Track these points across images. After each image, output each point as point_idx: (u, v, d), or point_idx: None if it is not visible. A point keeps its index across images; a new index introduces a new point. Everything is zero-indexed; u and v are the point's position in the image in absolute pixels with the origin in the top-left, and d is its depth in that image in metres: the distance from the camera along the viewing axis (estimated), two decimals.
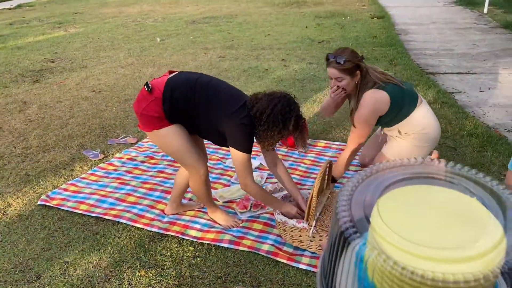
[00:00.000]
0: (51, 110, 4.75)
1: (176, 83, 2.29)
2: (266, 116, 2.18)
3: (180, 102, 2.27)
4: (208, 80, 2.35)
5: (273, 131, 2.21)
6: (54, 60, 6.86)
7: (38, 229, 2.73)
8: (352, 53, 2.61)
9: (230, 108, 2.25)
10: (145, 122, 2.33)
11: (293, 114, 2.22)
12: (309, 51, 6.80)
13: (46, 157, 3.66)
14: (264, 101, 2.21)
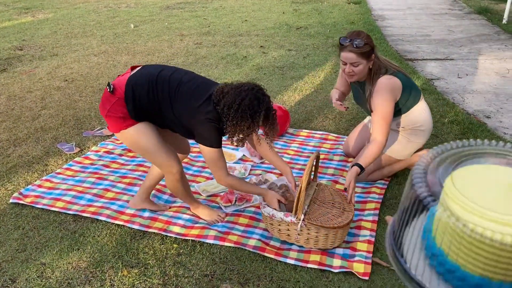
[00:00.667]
0: (21, 101, 4.53)
1: (137, 81, 2.21)
2: (234, 111, 2.08)
3: (142, 99, 2.20)
4: (170, 73, 2.25)
5: (241, 126, 2.12)
6: (22, 48, 6.56)
7: (11, 229, 2.59)
8: (367, 35, 2.53)
9: (194, 103, 2.16)
10: (111, 123, 2.27)
11: (262, 107, 2.12)
12: (288, 37, 6.71)
13: (18, 152, 3.48)
14: (231, 94, 2.10)
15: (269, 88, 4.66)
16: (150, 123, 2.30)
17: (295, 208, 2.25)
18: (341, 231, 2.27)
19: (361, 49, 2.48)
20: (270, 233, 2.45)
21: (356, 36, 2.50)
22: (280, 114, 3.52)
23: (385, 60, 2.64)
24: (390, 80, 2.56)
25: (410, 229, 0.71)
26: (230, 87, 2.15)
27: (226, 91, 2.14)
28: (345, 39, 2.52)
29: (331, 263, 2.23)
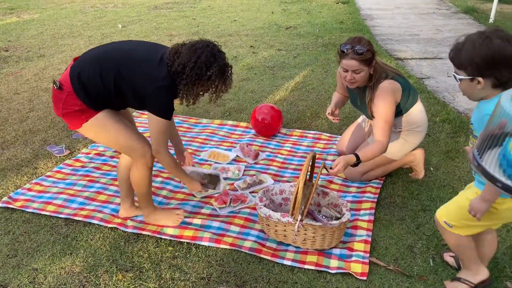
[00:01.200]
0: (8, 103, 4.44)
1: (81, 67, 2.12)
2: (189, 70, 2.03)
3: (92, 83, 2.10)
4: (112, 48, 2.16)
5: (197, 85, 2.08)
6: (8, 49, 6.44)
7: (1, 234, 2.53)
8: (368, 42, 2.51)
9: (146, 68, 2.08)
10: (70, 120, 2.19)
11: (218, 63, 2.07)
12: (277, 37, 6.70)
13: (6, 154, 3.41)
14: (185, 54, 2.04)
15: (261, 88, 4.65)
16: (109, 110, 2.20)
17: (292, 209, 2.23)
18: (338, 231, 2.26)
19: (363, 56, 2.45)
20: (266, 234, 2.43)
21: (357, 42, 2.46)
22: (272, 114, 3.51)
23: (384, 64, 2.65)
24: (391, 84, 2.56)
25: (488, 153, 0.97)
26: (184, 47, 2.08)
27: (181, 51, 2.07)
28: (346, 46, 2.47)
29: (328, 264, 2.22)
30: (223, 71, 2.12)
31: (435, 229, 2.45)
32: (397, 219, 2.55)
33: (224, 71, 2.12)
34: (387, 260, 2.24)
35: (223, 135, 3.65)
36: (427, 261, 2.23)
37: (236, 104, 4.25)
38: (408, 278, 2.13)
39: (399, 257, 2.26)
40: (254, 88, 4.66)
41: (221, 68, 2.09)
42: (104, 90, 2.12)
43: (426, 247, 2.33)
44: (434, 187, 2.82)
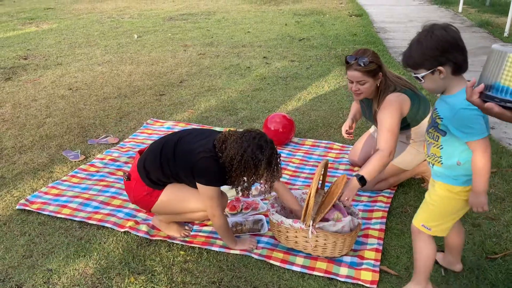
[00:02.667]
0: (26, 109, 4.55)
1: (144, 159, 2.36)
2: (237, 162, 2.11)
3: (153, 171, 2.32)
4: (170, 137, 2.36)
5: (246, 176, 2.17)
6: (27, 57, 6.60)
7: (18, 235, 2.58)
8: (373, 53, 2.55)
9: (193, 147, 2.22)
10: (142, 205, 2.41)
11: (264, 156, 2.12)
12: (290, 48, 6.76)
13: (23, 159, 3.49)
14: (233, 147, 2.13)
15: (273, 98, 4.69)
16: (170, 185, 2.36)
17: (303, 215, 2.25)
18: (349, 239, 2.27)
19: (366, 67, 2.50)
20: (277, 240, 2.45)
21: (362, 54, 2.52)
22: (285, 123, 3.54)
23: (394, 77, 2.65)
24: (398, 97, 2.57)
25: None
26: (232, 138, 2.17)
27: (229, 142, 2.16)
28: (351, 57, 2.53)
29: (337, 271, 2.22)
30: (270, 162, 2.16)
31: None
32: (409, 229, 2.54)
33: (271, 162, 2.16)
34: (398, 269, 2.24)
35: None
36: (439, 271, 2.22)
37: (248, 113, 4.29)
38: None
39: (410, 266, 2.25)
40: (266, 98, 4.70)
41: (268, 160, 2.14)
42: (163, 176, 2.32)
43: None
44: None
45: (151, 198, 2.35)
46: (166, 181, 2.35)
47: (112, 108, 4.53)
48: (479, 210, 1.75)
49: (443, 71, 1.64)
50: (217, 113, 4.31)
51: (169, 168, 2.29)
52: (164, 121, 4.16)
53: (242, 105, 4.51)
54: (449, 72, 1.65)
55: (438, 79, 1.67)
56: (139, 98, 4.81)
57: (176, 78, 5.46)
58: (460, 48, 1.63)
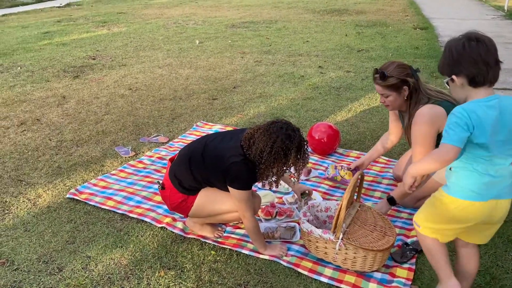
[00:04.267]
0: (87, 105, 4.85)
1: (176, 168, 2.43)
2: (267, 154, 2.11)
3: (185, 179, 2.39)
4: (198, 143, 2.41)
5: (276, 168, 2.17)
6: (95, 57, 7.03)
7: (65, 221, 2.76)
8: (397, 67, 2.49)
9: (222, 153, 2.25)
10: (180, 211, 2.48)
11: (294, 144, 2.12)
12: (348, 59, 6.68)
13: (79, 151, 3.72)
14: (261, 140, 2.14)
15: (323, 108, 4.65)
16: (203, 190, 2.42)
17: (334, 226, 2.21)
18: (381, 254, 2.20)
19: (385, 82, 2.49)
20: (307, 250, 2.42)
21: (385, 68, 2.50)
22: (330, 133, 3.51)
23: (431, 90, 2.53)
24: (431, 109, 2.44)
25: None
26: (259, 132, 2.18)
27: (256, 136, 2.17)
28: (376, 71, 2.54)
29: (366, 286, 2.16)
30: (300, 150, 2.17)
31: (488, 265, 2.29)
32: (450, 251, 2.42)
33: (300, 150, 2.17)
34: None
35: None
36: None
37: (296, 121, 4.29)
38: None
39: None
40: (316, 107, 4.67)
41: (298, 148, 2.15)
42: (195, 182, 2.38)
43: (477, 283, 2.18)
44: None
45: (187, 204, 2.42)
46: (198, 186, 2.41)
47: (166, 109, 4.72)
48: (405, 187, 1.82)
49: (456, 80, 1.68)
50: (265, 119, 4.35)
51: (200, 175, 2.35)
52: (213, 124, 4.26)
53: (291, 112, 4.51)
54: (466, 83, 1.66)
55: (455, 87, 1.71)
56: (192, 101, 4.96)
57: (230, 84, 5.58)
58: (475, 61, 1.62)
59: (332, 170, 3.11)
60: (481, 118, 1.60)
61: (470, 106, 1.63)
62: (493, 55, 1.64)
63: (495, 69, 1.63)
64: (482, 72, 1.62)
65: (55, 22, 10.79)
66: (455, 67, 1.67)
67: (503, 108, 1.64)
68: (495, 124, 1.62)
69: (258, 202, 2.48)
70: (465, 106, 1.63)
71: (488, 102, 1.62)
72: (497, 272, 2.25)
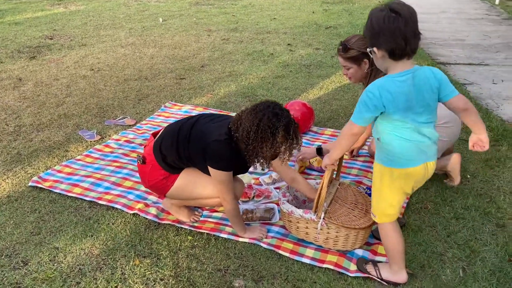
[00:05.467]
0: (47, 87, 4.57)
1: (162, 142, 2.29)
2: (253, 133, 2.00)
3: (171, 154, 2.26)
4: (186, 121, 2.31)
5: (264, 148, 2.02)
6: (52, 37, 6.65)
7: (28, 211, 2.58)
8: (359, 40, 2.50)
9: (206, 130, 2.18)
10: (157, 190, 2.37)
11: (281, 123, 2.00)
12: (316, 36, 6.60)
13: (40, 136, 3.49)
14: (248, 119, 2.03)
15: (295, 86, 4.57)
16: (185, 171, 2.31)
17: (315, 206, 2.15)
18: (363, 232, 2.16)
19: (346, 54, 2.51)
20: (288, 230, 2.36)
21: (347, 40, 2.52)
22: (304, 110, 3.43)
23: None
24: None
25: None
26: (246, 113, 2.08)
27: (243, 117, 2.07)
28: (340, 43, 2.55)
29: (348, 266, 2.12)
30: (288, 129, 2.04)
31: (467, 238, 2.30)
32: (428, 226, 2.42)
33: (289, 129, 2.04)
34: (413, 267, 2.12)
35: None
36: (457, 271, 2.10)
37: None
38: (434, 287, 2.01)
39: (426, 265, 2.13)
40: (288, 85, 4.59)
41: (285, 127, 2.02)
42: (178, 159, 2.26)
43: (457, 256, 2.19)
44: (470, 195, 2.66)
45: (167, 182, 2.29)
46: (181, 165, 2.29)
47: (131, 90, 4.51)
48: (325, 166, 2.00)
49: (377, 53, 1.71)
50: (236, 98, 4.23)
51: (184, 152, 2.22)
52: (182, 104, 4.10)
53: (262, 91, 4.41)
54: (386, 55, 1.70)
55: (377, 58, 1.75)
56: (159, 81, 4.77)
57: (198, 63, 5.40)
58: (394, 36, 1.63)
59: None
60: (393, 95, 1.68)
61: (383, 84, 1.71)
62: (411, 28, 1.64)
63: (414, 41, 1.66)
64: (400, 46, 1.64)
65: (6, 0, 10.13)
66: (375, 39, 1.69)
67: (417, 81, 1.71)
68: (410, 98, 1.69)
69: (240, 187, 2.39)
70: (379, 84, 1.71)
71: (402, 77, 1.69)
72: (476, 245, 2.26)
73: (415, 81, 1.71)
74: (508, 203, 2.59)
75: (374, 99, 1.69)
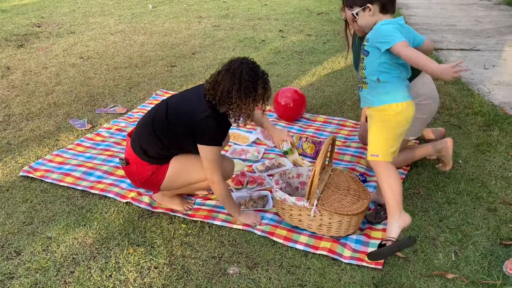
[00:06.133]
0: (36, 76, 4.50)
1: (138, 137, 2.27)
2: (236, 92, 2.02)
3: (152, 147, 2.23)
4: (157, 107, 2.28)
5: (247, 103, 2.06)
6: (40, 25, 6.54)
7: (19, 201, 2.55)
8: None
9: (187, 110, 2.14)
10: (149, 187, 2.34)
11: (259, 76, 2.05)
12: (308, 22, 6.55)
13: (30, 126, 3.45)
14: (225, 79, 2.03)
15: (287, 73, 4.55)
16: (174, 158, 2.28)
17: (308, 193, 2.15)
18: (356, 218, 2.17)
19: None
20: (281, 218, 2.36)
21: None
22: (296, 98, 3.42)
23: None
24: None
25: None
26: (221, 75, 2.07)
27: (219, 80, 2.06)
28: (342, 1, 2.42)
29: (341, 252, 2.14)
30: (266, 81, 2.09)
31: (459, 223, 2.32)
32: (420, 210, 2.44)
33: (266, 80, 2.10)
34: (406, 252, 2.14)
35: None
36: (449, 255, 2.12)
37: None
38: (427, 271, 2.03)
39: (419, 250, 2.15)
40: (280, 72, 4.56)
41: (263, 79, 2.07)
42: (163, 149, 2.23)
43: (449, 240, 2.21)
44: (462, 180, 2.68)
45: (158, 177, 2.26)
46: (167, 153, 2.26)
47: (122, 78, 4.46)
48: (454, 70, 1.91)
49: (372, 9, 2.03)
50: None
51: (168, 139, 2.20)
52: (174, 92, 4.07)
53: None
54: (377, 10, 2.04)
55: (367, 15, 2.05)
56: (150, 68, 4.72)
57: (189, 50, 5.34)
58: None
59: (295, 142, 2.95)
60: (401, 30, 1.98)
61: (392, 21, 2.01)
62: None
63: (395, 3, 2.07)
64: (390, 1, 2.03)
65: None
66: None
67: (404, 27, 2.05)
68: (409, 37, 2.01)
69: (230, 166, 2.37)
70: (389, 21, 2.01)
71: (400, 20, 2.04)
72: (468, 229, 2.28)
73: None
74: (499, 188, 2.61)
75: (396, 25, 1.98)
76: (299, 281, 1.99)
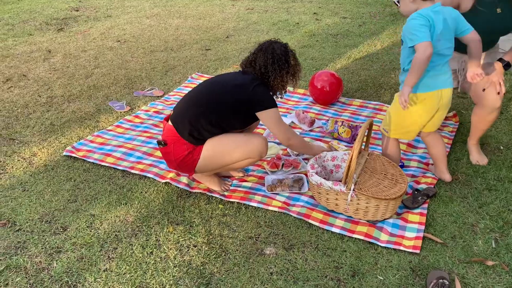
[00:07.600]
0: (75, 59, 4.63)
1: (177, 118, 2.31)
2: (271, 66, 2.26)
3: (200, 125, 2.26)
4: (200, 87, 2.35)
5: (282, 75, 2.30)
6: (78, 9, 6.68)
7: (64, 180, 2.66)
8: None
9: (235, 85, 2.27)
10: (188, 165, 2.34)
11: (289, 51, 2.32)
12: (343, 4, 6.44)
13: (71, 107, 3.57)
14: (260, 57, 2.28)
15: (322, 56, 4.51)
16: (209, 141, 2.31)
17: (344, 177, 2.16)
18: (393, 202, 2.16)
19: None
20: (317, 201, 2.38)
21: None
22: (332, 81, 3.39)
23: None
24: None
25: None
26: (255, 55, 2.31)
27: (253, 59, 2.31)
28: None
29: (378, 236, 2.14)
30: (294, 54, 2.35)
31: (500, 210, 2.28)
32: (459, 197, 2.40)
33: (295, 54, 2.35)
34: (444, 237, 2.12)
35: (279, 101, 3.59)
36: (489, 242, 2.09)
37: None
38: (465, 257, 2.01)
39: (457, 236, 2.13)
40: (315, 56, 4.52)
41: (293, 53, 2.33)
42: (210, 125, 2.27)
43: (489, 227, 2.17)
44: (503, 167, 2.62)
45: (193, 157, 2.30)
46: (208, 134, 2.28)
47: (158, 61, 4.53)
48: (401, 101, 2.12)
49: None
50: None
51: (217, 115, 2.24)
52: (209, 76, 4.11)
53: None
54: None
55: (408, 2, 2.10)
56: (185, 52, 4.77)
57: (223, 33, 5.36)
58: None
59: (331, 125, 3.02)
60: (434, 20, 2.02)
61: (423, 12, 2.03)
62: None
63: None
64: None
65: None
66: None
67: (445, 13, 2.07)
68: (444, 26, 2.04)
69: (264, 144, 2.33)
70: (420, 12, 2.04)
71: (434, 8, 2.06)
72: (509, 216, 2.23)
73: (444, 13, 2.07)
74: None
75: (424, 20, 2.00)
76: (335, 263, 2.01)
